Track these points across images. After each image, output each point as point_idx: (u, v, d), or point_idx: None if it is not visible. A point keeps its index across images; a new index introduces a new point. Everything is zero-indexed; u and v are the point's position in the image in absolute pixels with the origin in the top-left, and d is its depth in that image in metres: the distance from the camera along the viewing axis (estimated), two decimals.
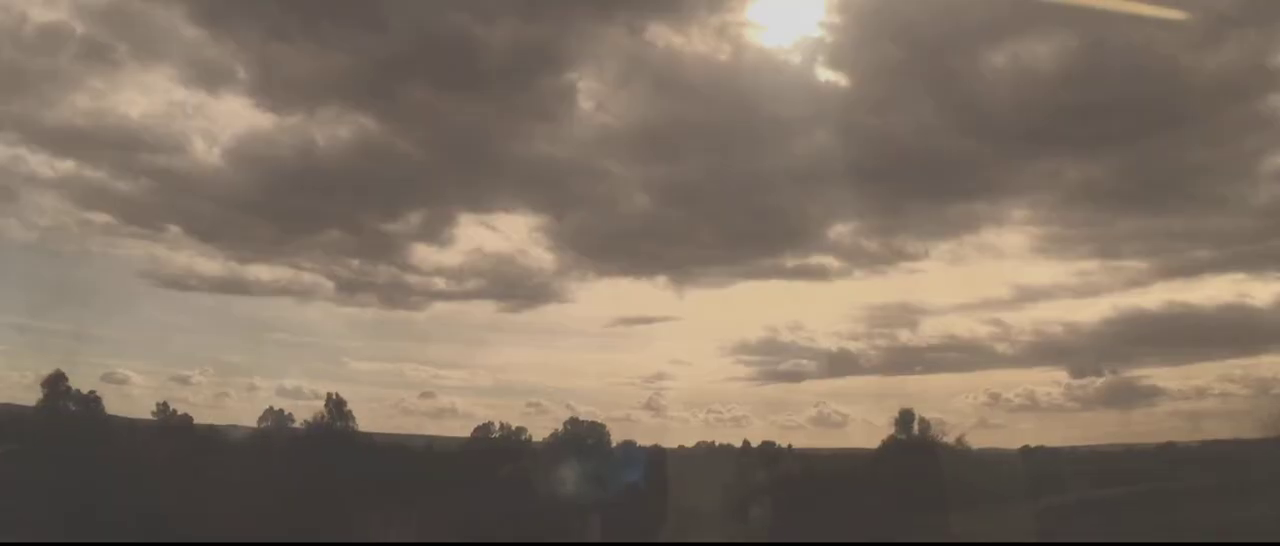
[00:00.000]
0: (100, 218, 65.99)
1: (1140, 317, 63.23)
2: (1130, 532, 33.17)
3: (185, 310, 70.13)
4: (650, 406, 66.49)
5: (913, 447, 47.73)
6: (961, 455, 47.79)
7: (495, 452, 53.38)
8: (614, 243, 70.23)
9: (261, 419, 53.36)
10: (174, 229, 66.69)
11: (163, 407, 51.32)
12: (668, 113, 67.29)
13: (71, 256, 67.18)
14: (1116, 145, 62.10)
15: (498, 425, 56.50)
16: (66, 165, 64.33)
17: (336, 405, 48.58)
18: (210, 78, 70.29)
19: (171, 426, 50.36)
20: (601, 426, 53.51)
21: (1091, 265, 69.08)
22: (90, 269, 70.06)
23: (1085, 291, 66.78)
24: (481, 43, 61.82)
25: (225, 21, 67.38)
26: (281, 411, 53.53)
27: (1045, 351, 65.98)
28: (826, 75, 67.61)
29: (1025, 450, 50.64)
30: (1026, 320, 69.36)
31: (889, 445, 49.86)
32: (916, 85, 64.25)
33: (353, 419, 49.33)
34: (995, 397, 63.45)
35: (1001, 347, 66.42)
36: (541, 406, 62.50)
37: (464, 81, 65.29)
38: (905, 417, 49.80)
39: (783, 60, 68.56)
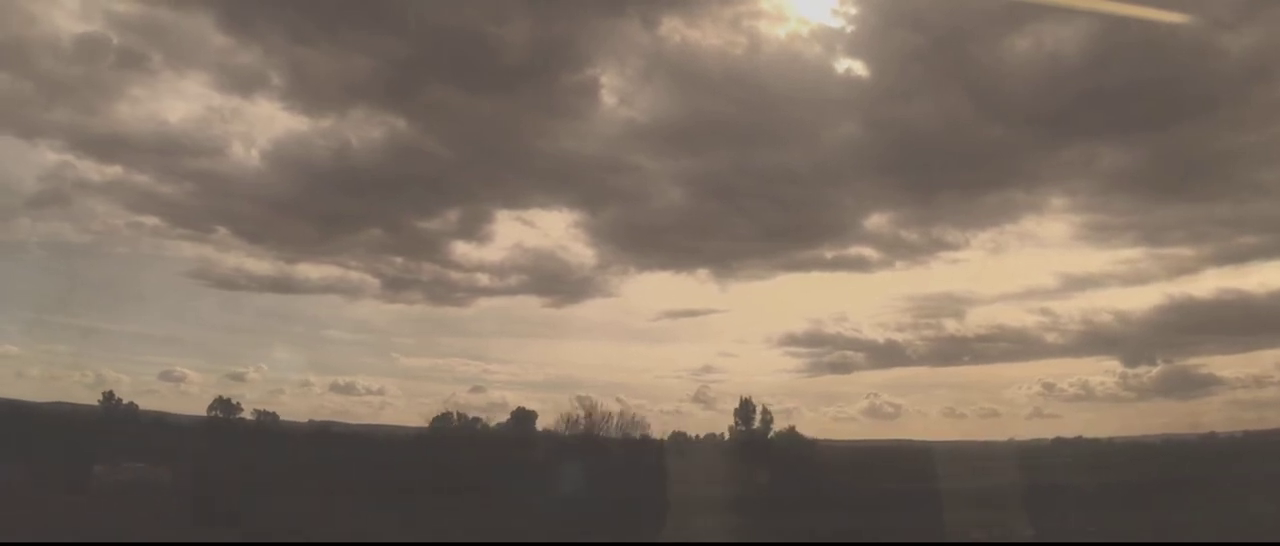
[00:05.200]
0: (149, 220, 67.32)
1: (1192, 306, 61.82)
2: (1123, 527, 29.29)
3: (237, 309, 70.40)
4: (699, 399, 68.07)
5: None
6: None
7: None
8: (652, 237, 69.76)
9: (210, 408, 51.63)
10: (221, 230, 67.18)
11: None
12: (692, 106, 67.06)
13: (123, 258, 68.21)
14: (1148, 130, 60.41)
15: (456, 415, 54.03)
16: (113, 170, 65.97)
17: None
18: (243, 83, 71.79)
19: None
20: (532, 414, 50.51)
21: (1136, 253, 69.20)
22: (143, 270, 71.85)
23: (1133, 279, 66.89)
24: (498, 41, 61.72)
25: (251, 28, 69.79)
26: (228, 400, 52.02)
27: (1096, 341, 64.61)
28: (846, 65, 67.15)
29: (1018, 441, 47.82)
30: (1075, 309, 68.87)
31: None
32: (939, 73, 62.63)
33: None
34: (1049, 387, 63.22)
35: (1052, 337, 65.58)
36: (590, 400, 60.99)
37: (485, 80, 66.04)
38: (746, 408, 48.83)
39: (800, 51, 66.91)
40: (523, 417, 50.78)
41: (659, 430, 52.36)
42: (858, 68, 66.03)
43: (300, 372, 71.30)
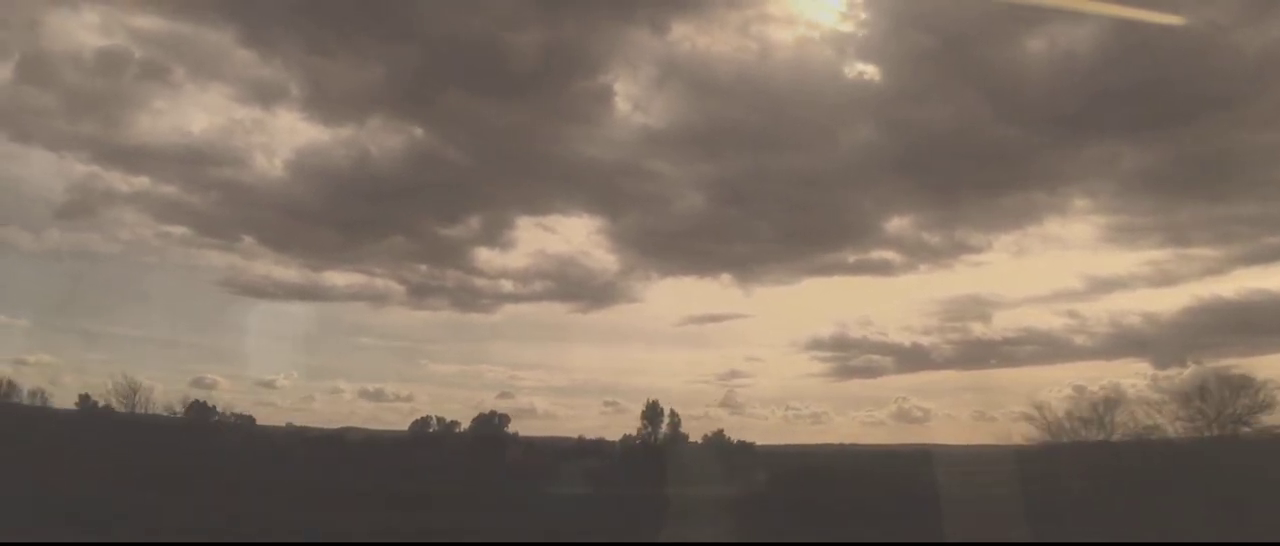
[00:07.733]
0: (178, 230, 69.70)
1: (1221, 306, 60.00)
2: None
3: (265, 316, 71.92)
4: (727, 404, 70.24)
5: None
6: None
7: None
8: (673, 242, 70.09)
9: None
10: (247, 239, 70.01)
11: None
12: (706, 112, 67.65)
13: (153, 267, 72.19)
14: (1167, 129, 58.71)
15: (435, 419, 53.21)
16: (140, 181, 68.07)
17: None
18: (263, 94, 75.28)
19: None
20: (505, 417, 49.01)
21: (1162, 254, 68.98)
22: (173, 278, 75.39)
23: (1160, 281, 65.21)
24: (511, 48, 62.62)
25: (270, 41, 71.79)
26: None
27: (1126, 343, 62.84)
28: (857, 68, 66.45)
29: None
30: (1102, 311, 67.81)
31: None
32: (952, 74, 62.10)
33: None
34: (1080, 390, 58.58)
35: (1080, 340, 64.72)
36: (619, 405, 63.33)
37: (499, 87, 67.95)
38: (653, 411, 47.55)
39: (811, 55, 66.95)
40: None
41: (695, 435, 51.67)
42: (870, 71, 65.50)
43: (329, 379, 75.23)
